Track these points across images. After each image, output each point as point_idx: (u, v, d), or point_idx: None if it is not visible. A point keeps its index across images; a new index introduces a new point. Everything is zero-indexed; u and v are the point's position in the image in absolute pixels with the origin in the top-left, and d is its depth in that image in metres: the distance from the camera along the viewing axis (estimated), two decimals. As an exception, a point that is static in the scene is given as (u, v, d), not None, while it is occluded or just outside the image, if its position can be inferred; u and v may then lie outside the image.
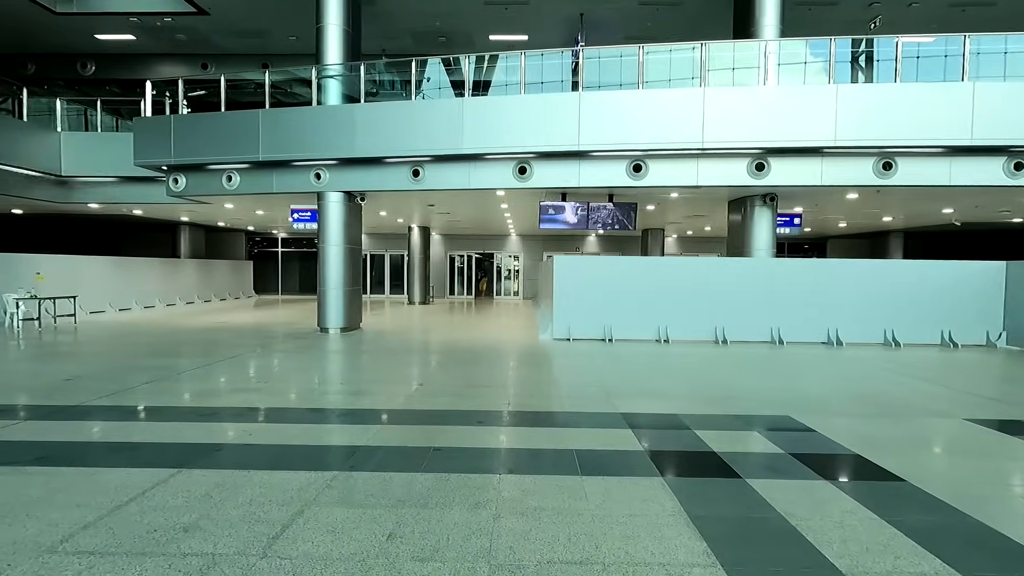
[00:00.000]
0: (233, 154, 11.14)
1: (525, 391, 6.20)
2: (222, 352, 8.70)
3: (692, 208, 14.12)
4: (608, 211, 11.17)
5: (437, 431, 4.56)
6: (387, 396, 5.83)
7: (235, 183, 11.60)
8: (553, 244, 24.87)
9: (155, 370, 7.10)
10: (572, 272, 10.53)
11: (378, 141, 10.56)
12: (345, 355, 8.79)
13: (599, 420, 4.99)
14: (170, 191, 12.13)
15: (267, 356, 8.46)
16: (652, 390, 6.27)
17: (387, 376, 7.09)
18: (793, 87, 9.73)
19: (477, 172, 10.63)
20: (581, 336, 10.46)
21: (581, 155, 10.20)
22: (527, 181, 10.48)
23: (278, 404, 5.46)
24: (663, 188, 10.52)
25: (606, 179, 10.28)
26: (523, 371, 7.55)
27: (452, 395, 5.90)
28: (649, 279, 10.46)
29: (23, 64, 16.26)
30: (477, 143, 10.21)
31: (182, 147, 11.37)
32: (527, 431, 4.63)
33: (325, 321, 11.40)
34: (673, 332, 10.31)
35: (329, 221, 11.37)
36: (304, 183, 11.30)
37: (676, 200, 12.59)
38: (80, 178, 13.68)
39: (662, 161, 10.11)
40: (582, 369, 7.61)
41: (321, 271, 11.44)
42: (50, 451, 3.97)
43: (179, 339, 10.39)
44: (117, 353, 8.62)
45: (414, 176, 10.84)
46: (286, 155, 10.91)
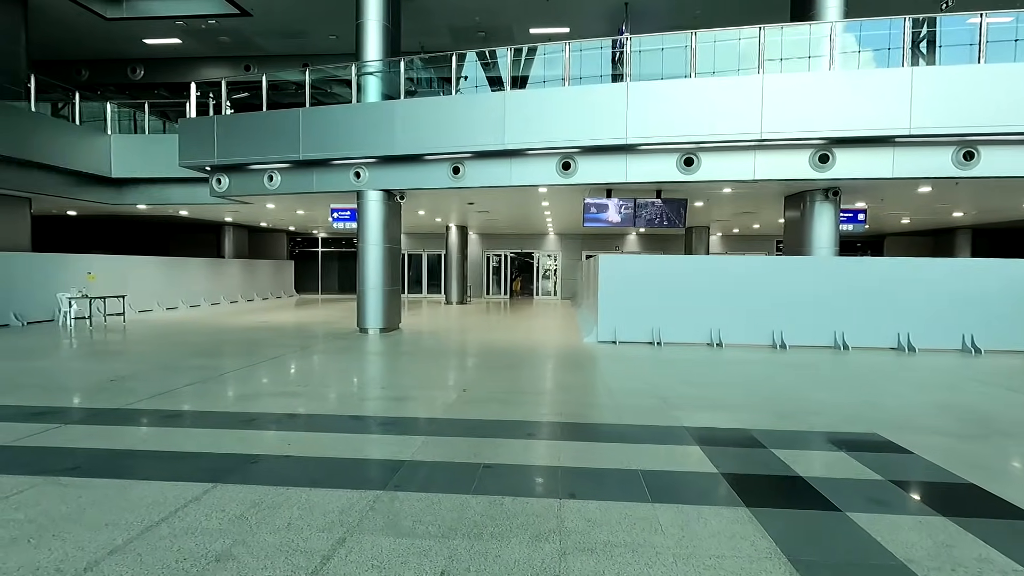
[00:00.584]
0: (274, 153, 11.11)
1: (575, 399, 5.79)
2: (264, 352, 8.61)
3: (743, 204, 13.40)
4: (656, 208, 10.64)
5: (485, 444, 4.22)
6: (429, 403, 5.52)
7: (276, 183, 11.58)
8: (592, 243, 24.31)
9: (198, 371, 7.01)
10: (618, 272, 10.06)
11: (418, 138, 10.33)
12: (385, 357, 8.57)
13: (661, 435, 4.54)
14: (213, 191, 12.22)
15: (307, 357, 8.31)
16: (714, 400, 5.77)
17: (428, 380, 6.80)
18: (862, 71, 8.99)
19: (519, 168, 10.27)
20: (627, 339, 9.97)
21: (628, 149, 9.71)
22: (571, 177, 10.06)
23: (318, 410, 5.22)
24: (716, 183, 9.92)
25: (655, 174, 9.76)
26: (569, 377, 7.14)
27: (498, 402, 5.55)
28: (700, 279, 9.88)
29: (77, 71, 16.81)
30: (519, 138, 9.85)
31: (225, 147, 11.42)
32: (583, 446, 4.23)
33: (364, 321, 11.26)
34: (727, 336, 9.71)
35: (368, 220, 11.22)
36: (344, 182, 11.18)
37: (728, 196, 11.92)
38: (129, 179, 13.98)
39: (715, 154, 9.52)
40: (633, 375, 7.15)
41: (360, 271, 11.30)
42: (85, 460, 3.80)
43: (222, 339, 10.41)
44: (162, 353, 8.63)
45: (454, 173, 10.57)
46: (326, 154, 10.80)
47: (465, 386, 6.29)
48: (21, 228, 12.85)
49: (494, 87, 11.20)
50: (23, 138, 11.83)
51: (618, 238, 24.27)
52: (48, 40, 15.24)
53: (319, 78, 12.22)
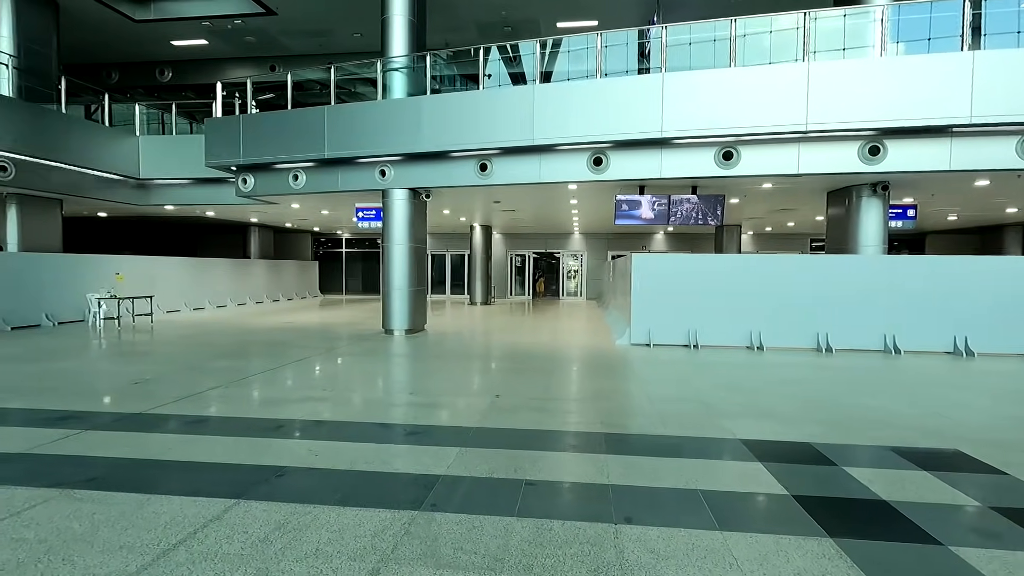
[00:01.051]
0: (299, 152, 10.97)
1: (615, 407, 5.43)
2: (289, 354, 8.43)
3: (782, 201, 12.82)
4: (691, 205, 10.19)
5: (525, 458, 3.89)
6: (462, 410, 5.22)
7: (301, 182, 11.45)
8: (619, 242, 23.83)
9: (223, 373, 6.84)
10: (652, 271, 9.64)
11: (444, 135, 10.07)
12: (412, 360, 8.32)
13: (716, 448, 4.16)
14: (239, 191, 12.16)
15: (333, 360, 8.10)
16: (764, 409, 5.35)
17: (459, 385, 6.51)
18: (917, 56, 8.41)
19: (548, 165, 9.93)
20: (662, 342, 9.55)
21: (663, 143, 9.30)
22: (602, 173, 9.68)
23: (345, 417, 4.96)
24: (757, 178, 9.43)
25: (691, 169, 9.33)
26: (606, 382, 6.78)
27: (534, 410, 5.22)
28: (739, 279, 9.41)
29: (108, 73, 17.01)
30: (548, 133, 9.51)
31: (250, 147, 11.32)
32: (632, 461, 3.88)
33: (390, 323, 11.04)
34: (768, 338, 9.22)
35: (394, 219, 11.00)
36: (369, 180, 10.98)
37: (767, 192, 11.39)
38: (157, 180, 14.05)
39: (757, 147, 9.05)
40: (673, 380, 6.75)
41: (385, 271, 11.09)
42: (104, 470, 3.59)
43: (248, 340, 10.29)
44: (188, 354, 8.52)
45: (481, 171, 10.28)
46: (351, 152, 10.61)
47: (497, 392, 5.98)
48: (52, 229, 12.98)
49: (518, 85, 10.90)
50: (55, 140, 11.93)
51: (646, 237, 23.73)
52: (79, 44, 15.42)
53: (343, 78, 12.08)
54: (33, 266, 11.98)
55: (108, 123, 14.25)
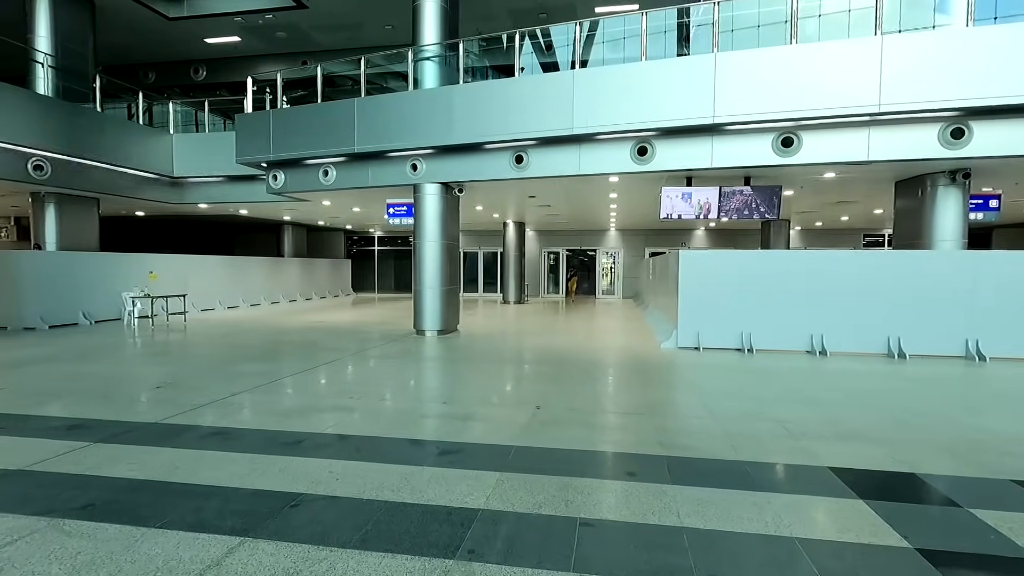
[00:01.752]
0: (329, 147, 10.64)
1: (673, 423, 4.81)
2: (318, 356, 8.08)
3: (843, 192, 11.84)
4: (744, 197, 9.41)
5: (576, 487, 3.33)
6: (499, 423, 4.69)
7: (331, 177, 11.13)
8: (656, 239, 22.97)
9: (248, 377, 6.50)
10: (701, 269, 8.93)
11: (478, 125, 9.56)
12: (444, 364, 7.84)
13: (802, 479, 3.52)
14: (270, 188, 11.94)
15: (362, 363, 7.69)
16: (850, 428, 4.64)
17: (494, 393, 5.99)
18: (1009, 25, 7.46)
19: (588, 155, 9.31)
20: (712, 345, 8.84)
21: (714, 129, 8.56)
22: (647, 163, 9.01)
23: (373, 430, 4.49)
24: (819, 166, 8.61)
25: (746, 157, 8.57)
26: (657, 391, 6.15)
27: (581, 425, 4.65)
28: (799, 277, 8.61)
29: (144, 73, 17.16)
30: (589, 122, 8.89)
31: (280, 142, 11.06)
32: (704, 494, 3.27)
33: (421, 323, 10.62)
34: (831, 342, 8.40)
35: (425, 215, 10.56)
36: (400, 175, 10.58)
37: (827, 182, 10.49)
38: (190, 178, 14.00)
39: (820, 132, 8.23)
40: (733, 391, 6.07)
41: (417, 269, 10.67)
42: (102, 494, 3.19)
43: (278, 339, 10.02)
44: (216, 355, 8.26)
45: (517, 163, 9.73)
46: (382, 145, 10.22)
47: (537, 402, 5.43)
48: (89, 228, 13.04)
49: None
50: (90, 139, 11.94)
51: (685, 234, 22.78)
52: (116, 44, 15.54)
53: (374, 72, 11.76)
54: (71, 265, 12.03)
55: (149, 122, 14.30)
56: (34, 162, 10.84)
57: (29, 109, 10.85)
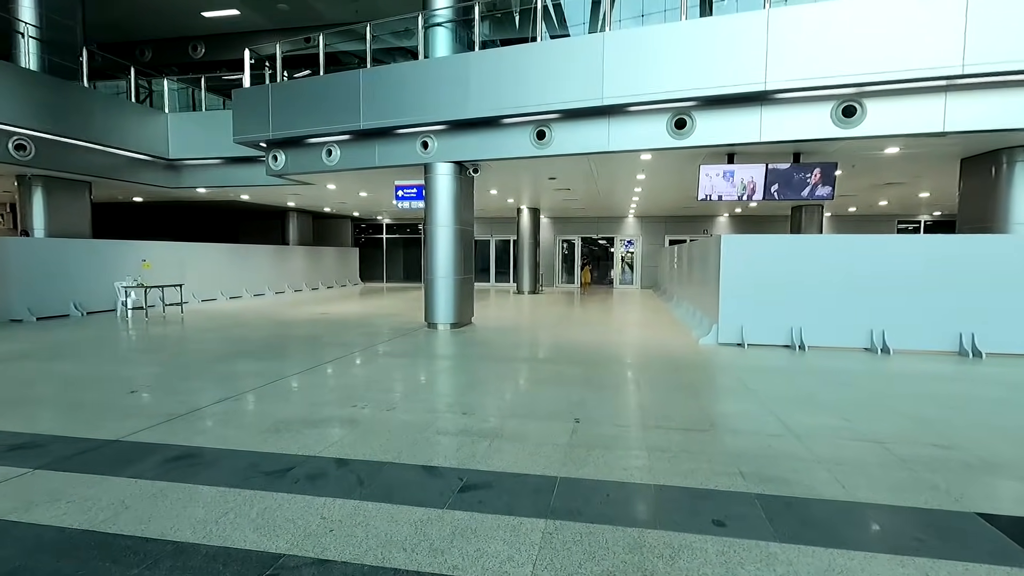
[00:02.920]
0: (332, 124, 9.75)
1: (749, 444, 3.92)
2: (320, 354, 7.26)
3: (901, 170, 10.68)
4: (794, 176, 8.41)
5: (653, 547, 2.46)
6: (535, 444, 3.83)
7: (335, 158, 10.26)
8: (676, 226, 21.94)
9: (240, 378, 5.69)
10: (746, 256, 7.98)
11: (495, 97, 8.62)
12: (461, 362, 6.99)
13: (953, 532, 2.62)
14: (270, 170, 11.09)
15: (369, 362, 6.86)
16: (975, 455, 3.72)
17: (523, 401, 5.12)
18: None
19: (619, 130, 8.36)
20: (758, 341, 7.92)
21: (764, 98, 7.57)
22: (686, 138, 8.04)
23: (378, 452, 3.65)
24: (884, 139, 7.59)
25: (800, 130, 7.57)
26: (713, 399, 5.25)
27: (634, 446, 3.78)
28: (856, 265, 7.64)
29: (140, 51, 16.31)
30: (621, 91, 7.93)
31: (280, 119, 10.19)
32: (833, 560, 2.39)
33: (433, 315, 9.77)
34: (894, 338, 7.45)
35: (437, 198, 9.67)
36: (409, 154, 9.68)
37: (886, 160, 9.42)
38: (187, 161, 13.19)
39: (887, 100, 7.21)
40: (802, 398, 5.16)
41: (428, 257, 9.81)
42: (20, 554, 2.37)
43: (279, 334, 9.23)
44: (207, 351, 7.46)
45: (538, 139, 8.80)
46: (389, 121, 9.31)
47: (576, 413, 4.56)
48: (81, 213, 12.29)
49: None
50: (78, 118, 11.14)
51: (707, 220, 21.73)
52: (109, 19, 14.70)
53: (380, 49, 10.83)
54: (60, 253, 11.30)
55: (149, 103, 13.47)
56: (16, 141, 10.05)
57: (9, 83, 10.04)
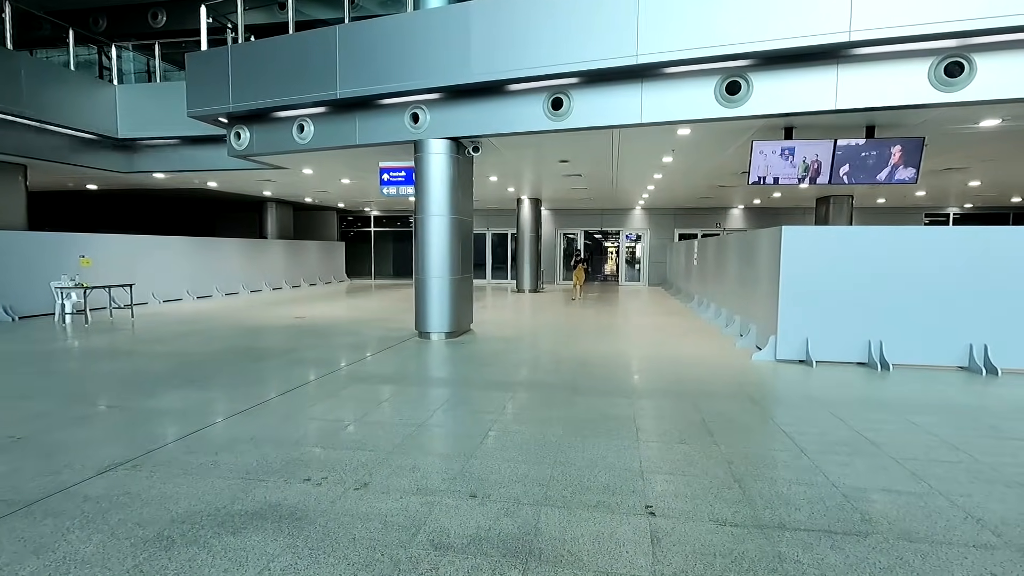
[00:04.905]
0: (304, 92, 8.10)
1: (952, 565, 2.38)
2: (280, 377, 5.66)
3: (987, 149, 9.00)
4: (873, 154, 6.88)
5: None
6: (591, 556, 2.26)
7: (308, 134, 8.62)
8: (686, 219, 20.46)
9: (152, 423, 4.08)
10: (813, 252, 6.46)
11: (501, 57, 7.01)
12: (461, 394, 5.41)
13: None
14: (232, 150, 9.42)
15: (341, 393, 5.27)
16: None
17: (560, 470, 3.53)
18: None
19: (655, 97, 6.79)
20: (827, 357, 6.43)
21: (840, 54, 6.03)
22: (738, 105, 6.49)
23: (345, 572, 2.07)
24: (995, 104, 6.07)
25: (889, 94, 6.03)
26: (834, 464, 3.70)
27: (761, 570, 2.23)
28: (957, 262, 6.15)
29: (95, 20, 14.47)
30: (660, 45, 6.35)
31: (243, 88, 8.52)
32: None
33: (425, 323, 8.18)
34: (1000, 355, 5.98)
35: (430, 182, 8.06)
36: (396, 129, 8.07)
37: (979, 135, 7.87)
38: (141, 141, 11.45)
39: (1001, 54, 5.69)
40: (976, 459, 3.63)
41: (419, 253, 8.21)
42: None
43: (237, 346, 7.60)
44: (138, 372, 5.84)
45: (553, 109, 7.21)
46: (372, 88, 7.68)
47: (643, 493, 3.00)
48: (13, 201, 10.56)
49: None
50: (7, 88, 9.38)
51: (720, 213, 20.25)
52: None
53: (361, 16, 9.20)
54: (-16, 247, 9.58)
55: (99, 74, 11.70)
56: (-81, 112, 8.32)
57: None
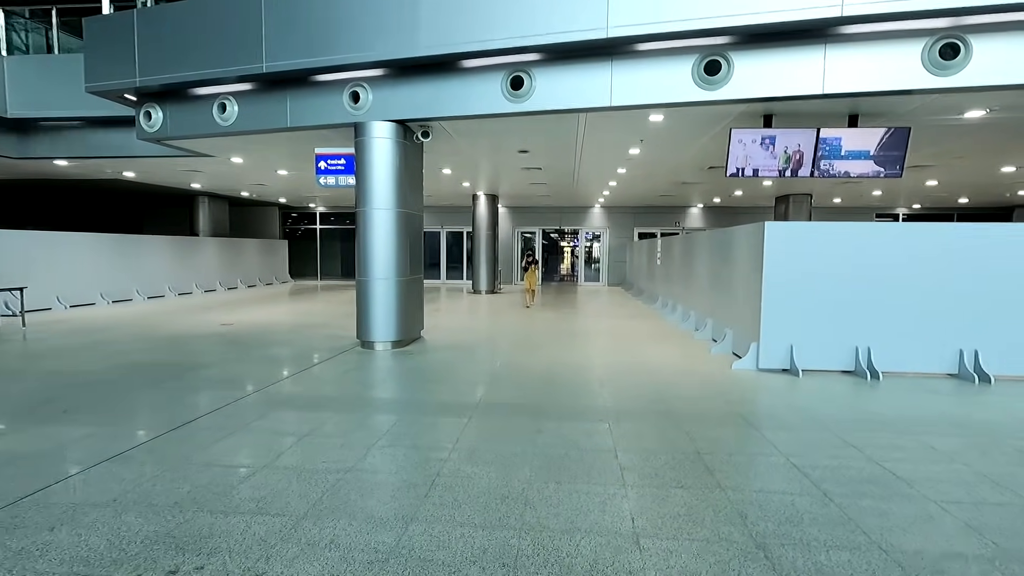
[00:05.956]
0: (225, 65, 6.96)
1: None
2: (186, 402, 4.60)
3: (965, 144, 8.65)
4: (859, 144, 6.38)
5: None
6: None
7: (231, 115, 7.48)
8: (646, 217, 20.09)
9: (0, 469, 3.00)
10: (799, 251, 5.89)
11: (454, 27, 6.13)
12: (405, 418, 4.50)
13: None
14: (142, 132, 8.13)
15: (254, 422, 4.27)
16: None
17: (522, 512, 2.70)
18: None
19: (627, 76, 6.07)
20: (814, 366, 5.88)
21: (827, 32, 5.48)
22: (718, 87, 5.85)
23: None
24: (993, 91, 5.64)
25: (880, 77, 5.51)
26: (847, 488, 3.01)
27: None
28: (954, 261, 5.71)
29: (-13, -16, 12.61)
30: (630, 17, 5.62)
31: (152, 59, 7.29)
32: None
33: (368, 331, 7.20)
34: (992, 362, 5.57)
35: (373, 171, 7.09)
36: (334, 109, 7.05)
37: (964, 126, 7.52)
38: (37, 121, 9.90)
39: (998, 36, 5.26)
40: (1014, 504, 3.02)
41: (362, 251, 7.23)
42: None
43: (144, 360, 6.41)
44: (6, 397, 4.65)
45: (513, 89, 6.39)
46: (305, 61, 6.63)
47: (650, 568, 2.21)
48: None
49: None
50: None
51: (679, 212, 19.97)
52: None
53: None
54: None
55: None
56: None
57: None
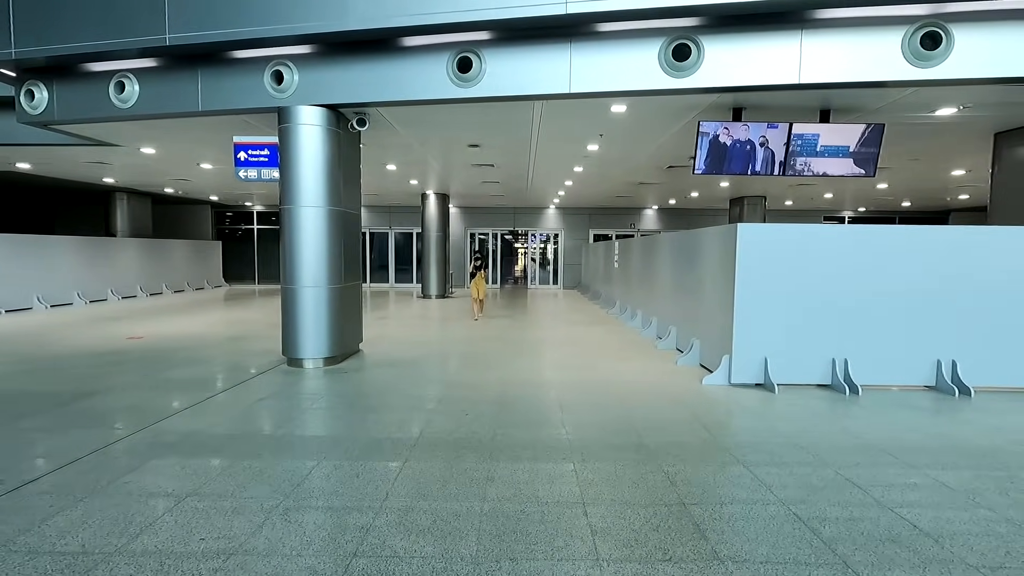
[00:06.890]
0: (122, 35, 5.89)
1: None
2: (44, 447, 3.60)
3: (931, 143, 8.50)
4: (832, 140, 5.98)
5: None
6: None
7: (131, 95, 6.39)
8: (601, 219, 19.74)
9: None
10: (774, 254, 5.41)
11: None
12: (324, 464, 3.66)
13: None
14: (24, 115, 6.90)
15: (124, 476, 3.35)
16: None
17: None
18: None
19: (587, 61, 5.43)
20: (790, 380, 5.42)
21: (804, 17, 5.02)
22: (687, 74, 5.30)
23: None
24: (973, 83, 5.31)
25: (856, 68, 5.09)
26: (870, 553, 2.41)
27: None
28: (937, 265, 5.36)
29: None
30: (594, -7, 5.00)
31: (33, 27, 6.12)
32: None
33: (296, 346, 6.27)
34: (971, 373, 5.26)
35: (300, 162, 6.18)
36: (254, 91, 6.10)
37: (930, 126, 7.27)
38: None
39: (978, 26, 4.92)
40: None
41: (287, 254, 6.30)
42: None
43: (10, 387, 5.27)
44: None
45: (460, 72, 5.64)
46: (218, 33, 5.67)
47: None
48: None
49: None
50: None
51: (634, 213, 19.71)
52: None
53: None
54: None
55: None
56: None
57: None
